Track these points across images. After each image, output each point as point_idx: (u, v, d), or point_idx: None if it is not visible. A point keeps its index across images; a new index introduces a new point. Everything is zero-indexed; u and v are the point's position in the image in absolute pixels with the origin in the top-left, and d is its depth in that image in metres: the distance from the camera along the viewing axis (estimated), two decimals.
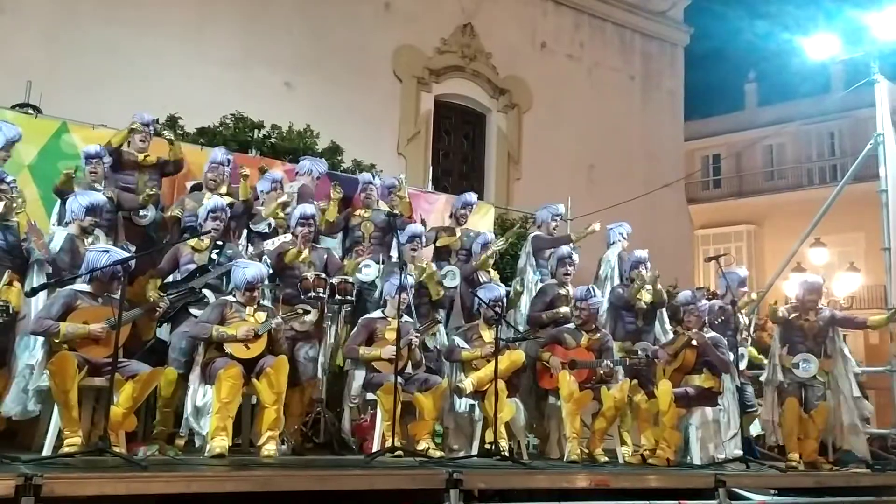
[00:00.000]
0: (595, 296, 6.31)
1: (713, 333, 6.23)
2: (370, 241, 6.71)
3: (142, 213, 5.99)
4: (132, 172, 6.21)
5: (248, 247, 6.23)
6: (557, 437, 6.08)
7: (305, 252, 5.78)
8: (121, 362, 4.36)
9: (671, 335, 6.67)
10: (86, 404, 4.51)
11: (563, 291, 6.67)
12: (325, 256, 5.98)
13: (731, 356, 6.25)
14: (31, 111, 6.86)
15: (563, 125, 13.59)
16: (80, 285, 4.73)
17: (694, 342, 6.00)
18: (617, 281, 7.23)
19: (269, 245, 5.76)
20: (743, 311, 6.99)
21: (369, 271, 6.39)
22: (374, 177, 7.34)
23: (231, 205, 6.14)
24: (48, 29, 9.21)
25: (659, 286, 6.67)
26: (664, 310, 7.03)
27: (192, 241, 5.49)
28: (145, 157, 6.27)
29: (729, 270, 7.05)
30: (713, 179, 24.43)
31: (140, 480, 3.56)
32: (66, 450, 4.20)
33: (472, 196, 7.35)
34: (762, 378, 6.70)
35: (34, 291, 4.59)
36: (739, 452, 6.01)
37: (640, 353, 6.29)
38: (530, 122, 13.64)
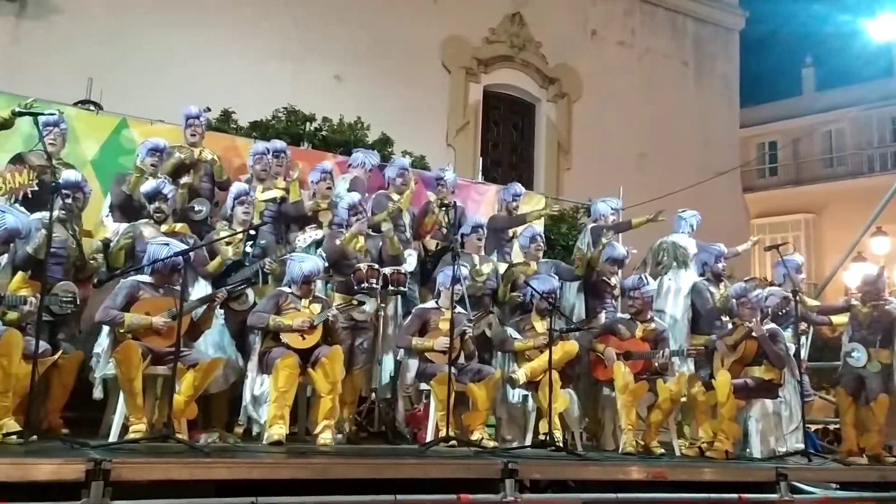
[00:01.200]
0: (648, 284, 6.23)
1: (772, 325, 6.08)
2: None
3: (196, 208, 6.09)
4: (188, 168, 6.32)
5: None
6: (612, 429, 6.02)
7: (361, 240, 5.85)
8: (182, 352, 4.46)
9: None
10: (149, 392, 4.63)
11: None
12: (381, 245, 6.04)
13: (793, 347, 6.11)
14: (92, 108, 7.03)
15: (614, 114, 13.40)
16: (143, 276, 4.86)
17: (754, 334, 5.87)
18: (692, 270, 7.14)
19: (300, 240, 5.74)
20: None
21: (412, 261, 6.42)
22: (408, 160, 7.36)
23: (283, 199, 6.23)
24: (107, 27, 9.44)
25: None
26: None
27: (224, 233, 5.55)
28: (200, 151, 6.37)
29: (786, 258, 6.92)
30: (769, 167, 23.80)
31: (203, 466, 3.65)
32: (131, 436, 4.32)
33: (518, 186, 7.32)
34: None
35: (101, 282, 4.73)
36: (801, 446, 5.87)
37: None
38: (580, 112, 13.48)
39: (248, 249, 5.52)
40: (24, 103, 5.05)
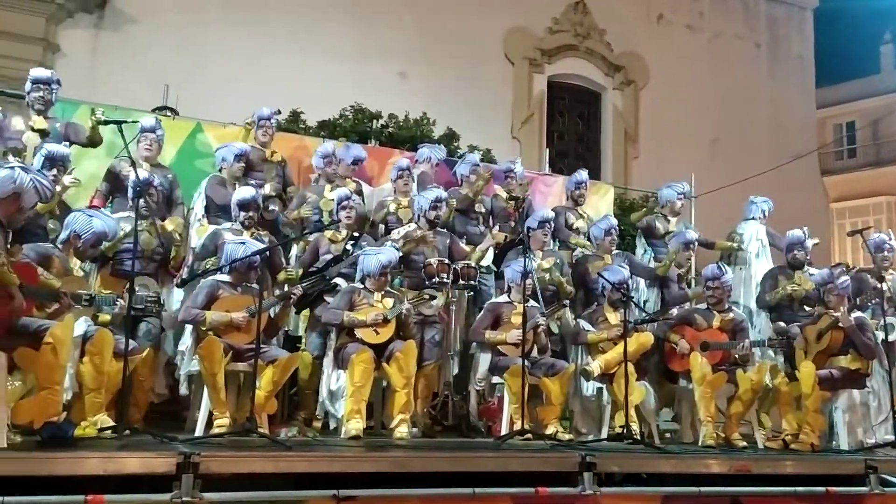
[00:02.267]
0: (726, 273, 6.08)
1: (859, 314, 5.85)
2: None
3: (270, 207, 6.21)
4: (261, 168, 6.48)
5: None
6: (690, 421, 5.90)
7: (430, 236, 5.89)
8: (261, 348, 4.57)
9: None
10: (230, 388, 4.76)
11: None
12: (448, 241, 6.06)
13: (881, 335, 5.87)
14: (168, 113, 7.26)
15: (683, 99, 13.08)
16: (221, 276, 5.00)
17: (841, 324, 5.65)
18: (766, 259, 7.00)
19: (396, 235, 5.85)
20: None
21: (488, 256, 6.41)
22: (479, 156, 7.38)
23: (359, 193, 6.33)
24: (179, 35, 9.73)
25: None
26: None
27: (329, 233, 5.68)
28: (272, 153, 6.53)
29: (870, 239, 6.66)
30: (847, 149, 22.88)
31: (286, 460, 3.74)
32: (215, 430, 4.47)
33: (582, 174, 7.24)
34: None
35: (184, 282, 4.89)
36: (891, 437, 5.63)
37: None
38: (648, 99, 13.21)
39: (349, 248, 5.64)
40: (98, 113, 5.27)
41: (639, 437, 5.30)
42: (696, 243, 6.84)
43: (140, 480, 3.44)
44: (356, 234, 5.75)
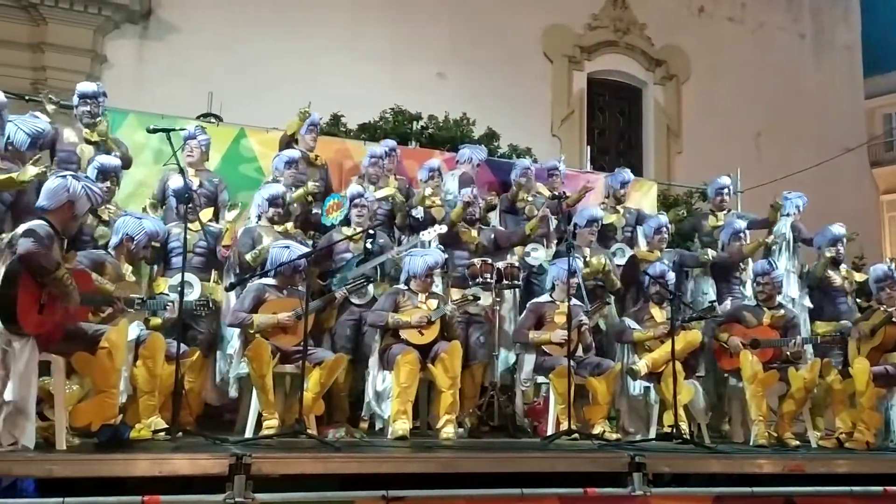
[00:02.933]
0: (776, 269, 5.96)
1: None
2: None
3: (314, 210, 6.29)
4: (304, 170, 6.56)
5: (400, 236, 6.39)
6: (741, 420, 5.80)
7: (474, 232, 5.91)
8: (308, 350, 4.61)
9: None
10: (278, 390, 4.82)
11: None
12: (493, 236, 6.06)
13: None
14: (213, 120, 7.39)
15: (726, 93, 12.87)
16: (267, 279, 5.06)
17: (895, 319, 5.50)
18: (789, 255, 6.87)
19: (427, 235, 5.84)
20: None
21: (537, 255, 6.41)
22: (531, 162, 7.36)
23: (394, 198, 6.36)
24: (222, 42, 9.89)
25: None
26: None
27: (348, 231, 5.71)
28: (316, 157, 6.62)
29: None
30: None
31: (336, 461, 3.76)
32: (265, 432, 4.53)
33: (624, 173, 7.18)
34: None
35: (232, 286, 4.98)
36: None
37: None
38: (690, 93, 13.03)
39: (369, 246, 5.67)
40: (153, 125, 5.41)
41: (688, 437, 5.23)
42: (747, 231, 6.72)
43: (192, 482, 3.51)
44: (372, 232, 5.72)
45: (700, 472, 4.51)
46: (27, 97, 5.68)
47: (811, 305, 6.72)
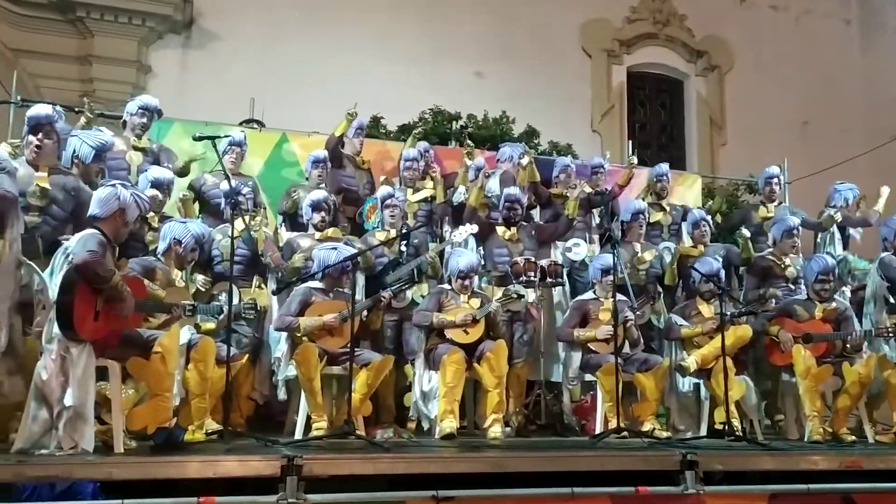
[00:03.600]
0: (828, 263, 5.81)
1: None
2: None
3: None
4: (353, 173, 6.63)
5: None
6: (795, 416, 5.67)
7: (512, 230, 5.91)
8: (355, 352, 4.65)
9: None
10: (326, 391, 4.87)
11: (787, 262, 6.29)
12: (534, 232, 6.05)
13: None
14: (255, 126, 7.50)
15: (771, 83, 12.58)
16: (314, 282, 5.11)
17: None
18: (838, 248, 6.72)
19: (459, 236, 5.80)
20: None
21: (579, 250, 6.36)
22: (571, 158, 7.30)
23: (432, 198, 6.37)
24: (262, 49, 10.01)
25: None
26: None
27: (381, 235, 5.73)
28: (363, 160, 6.68)
29: None
30: None
31: (385, 461, 3.78)
32: (314, 433, 4.57)
33: (662, 167, 7.10)
34: None
35: (278, 290, 5.03)
36: None
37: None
38: (733, 84, 12.77)
39: (403, 248, 5.69)
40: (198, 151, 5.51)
41: (741, 434, 5.14)
42: (799, 229, 6.53)
43: (243, 483, 3.56)
44: (404, 230, 5.72)
45: (754, 470, 4.43)
46: (76, 109, 5.81)
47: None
